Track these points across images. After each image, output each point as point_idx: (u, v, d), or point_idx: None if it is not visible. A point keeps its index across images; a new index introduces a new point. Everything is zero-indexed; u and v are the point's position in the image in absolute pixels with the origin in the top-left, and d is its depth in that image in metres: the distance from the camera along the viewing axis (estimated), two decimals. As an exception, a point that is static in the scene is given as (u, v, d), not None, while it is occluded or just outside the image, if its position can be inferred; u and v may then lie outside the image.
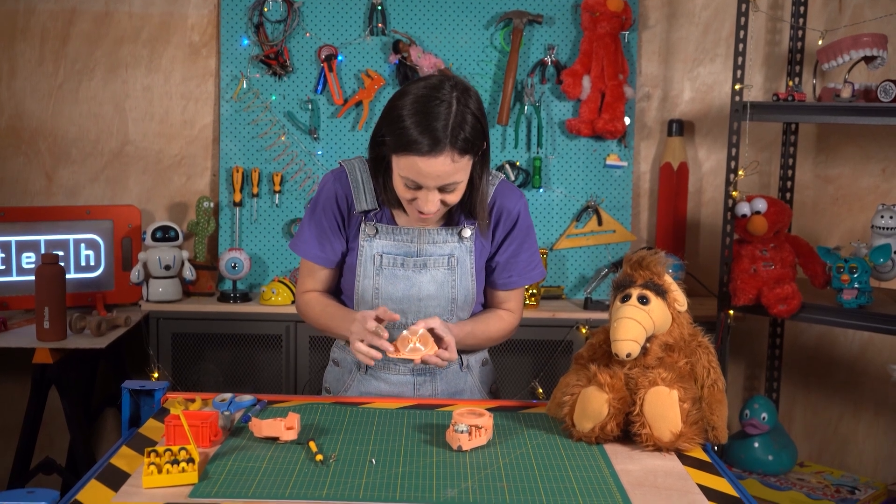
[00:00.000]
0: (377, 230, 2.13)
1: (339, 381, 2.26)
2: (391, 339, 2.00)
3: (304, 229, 2.17)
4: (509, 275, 2.19)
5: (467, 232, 2.13)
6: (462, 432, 1.79)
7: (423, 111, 1.92)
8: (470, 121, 1.94)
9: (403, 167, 1.96)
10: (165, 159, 3.68)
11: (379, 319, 2.00)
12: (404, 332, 2.00)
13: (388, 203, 2.11)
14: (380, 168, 2.07)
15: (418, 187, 1.98)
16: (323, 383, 2.33)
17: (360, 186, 2.12)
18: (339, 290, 2.24)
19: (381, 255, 2.12)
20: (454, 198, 2.02)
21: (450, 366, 2.20)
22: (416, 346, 1.98)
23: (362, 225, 2.13)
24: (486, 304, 2.27)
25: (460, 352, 2.17)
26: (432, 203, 1.99)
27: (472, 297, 2.17)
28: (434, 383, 2.20)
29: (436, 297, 2.13)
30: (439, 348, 2.01)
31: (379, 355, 1.99)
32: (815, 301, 3.14)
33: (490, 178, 2.15)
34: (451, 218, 2.14)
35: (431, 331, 2.01)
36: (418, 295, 2.12)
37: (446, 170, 1.94)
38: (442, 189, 1.98)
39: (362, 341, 1.99)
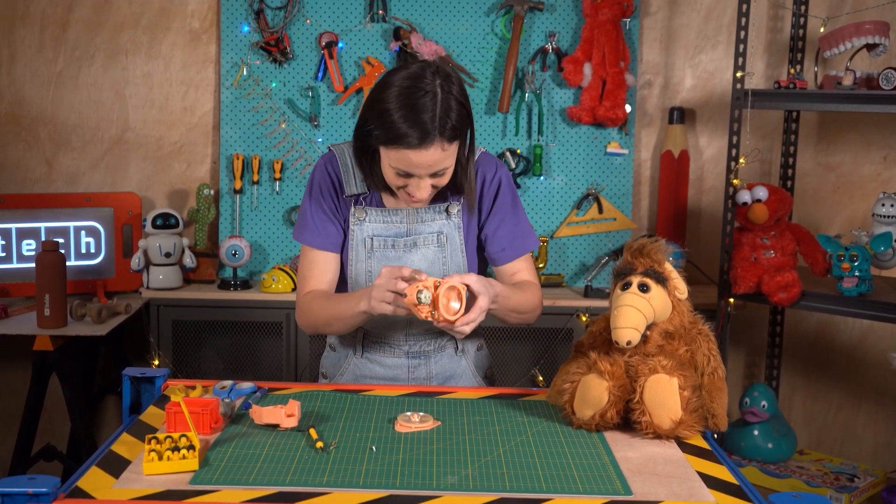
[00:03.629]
0: (366, 213, 2.14)
1: (336, 365, 2.27)
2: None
3: (305, 217, 2.17)
4: (501, 247, 2.18)
5: (454, 208, 2.15)
6: (423, 303, 1.84)
7: (410, 104, 1.93)
8: (455, 107, 1.96)
9: (394, 159, 1.98)
10: (165, 146, 3.68)
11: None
12: (421, 283, 1.87)
13: (375, 187, 2.13)
14: (366, 156, 2.08)
15: (409, 175, 2.00)
16: (320, 368, 2.34)
17: (349, 170, 2.14)
18: (341, 285, 2.23)
19: (372, 238, 2.14)
20: (444, 181, 2.04)
21: (444, 349, 2.22)
22: (447, 302, 1.87)
23: (352, 209, 2.15)
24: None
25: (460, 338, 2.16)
26: (424, 189, 2.02)
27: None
28: (428, 366, 2.21)
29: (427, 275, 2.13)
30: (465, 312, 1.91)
31: (409, 290, 1.87)
32: (815, 289, 3.14)
33: None
34: (439, 193, 2.14)
35: (467, 288, 1.91)
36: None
37: (437, 158, 1.96)
38: (432, 175, 2.00)
39: (388, 297, 1.92)
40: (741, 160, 3.21)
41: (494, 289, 2.00)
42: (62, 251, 3.17)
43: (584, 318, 3.34)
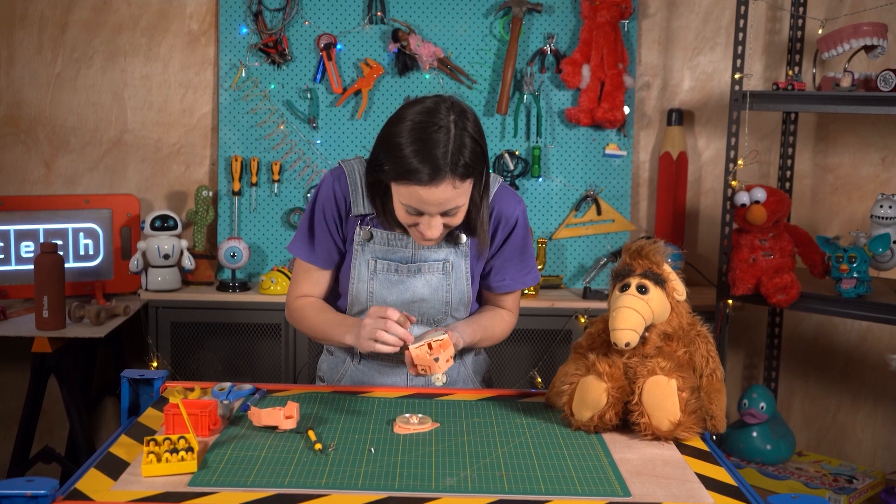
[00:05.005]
0: (372, 235, 2.11)
1: (333, 369, 2.27)
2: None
3: (303, 230, 2.16)
4: (503, 278, 2.19)
5: (463, 238, 2.12)
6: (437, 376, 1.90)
7: (422, 139, 1.88)
8: (469, 144, 1.92)
9: (404, 195, 1.94)
10: (164, 148, 3.68)
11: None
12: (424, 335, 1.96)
13: (387, 225, 2.08)
14: (377, 192, 2.04)
15: (420, 213, 1.96)
16: (317, 372, 2.33)
17: (358, 189, 2.09)
18: (335, 294, 2.22)
19: (376, 260, 2.11)
20: (457, 220, 2.00)
21: None
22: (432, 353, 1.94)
23: (358, 228, 2.12)
24: (483, 301, 2.27)
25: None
26: (435, 228, 1.97)
27: (467, 298, 2.16)
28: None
29: (429, 301, 2.13)
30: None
31: (409, 336, 1.93)
32: (813, 290, 3.14)
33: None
34: (450, 233, 2.12)
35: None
36: (412, 298, 2.12)
37: (448, 196, 1.92)
38: (444, 213, 1.96)
39: (378, 334, 1.94)
40: (740, 162, 3.21)
41: (462, 341, 2.05)
42: (61, 253, 3.16)
43: (582, 320, 3.34)
